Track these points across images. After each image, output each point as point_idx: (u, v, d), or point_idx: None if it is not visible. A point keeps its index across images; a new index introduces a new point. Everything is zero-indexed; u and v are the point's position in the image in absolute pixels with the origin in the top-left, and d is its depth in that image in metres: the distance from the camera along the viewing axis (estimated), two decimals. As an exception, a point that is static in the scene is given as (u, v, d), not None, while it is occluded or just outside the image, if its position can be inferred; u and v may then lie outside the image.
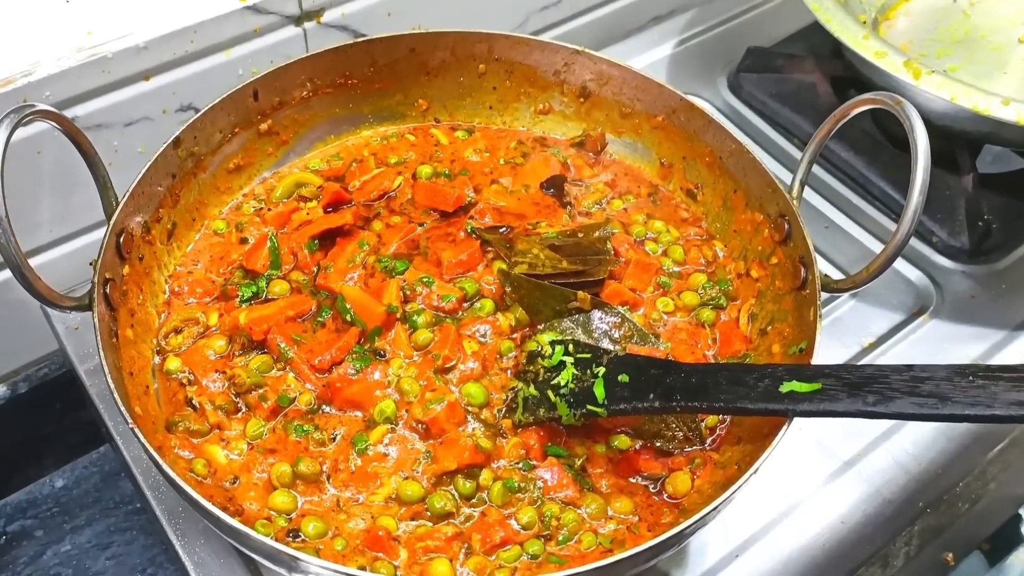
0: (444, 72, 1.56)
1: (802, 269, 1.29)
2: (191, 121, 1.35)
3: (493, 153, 1.58)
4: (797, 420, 1.10)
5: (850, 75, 1.91)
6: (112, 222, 1.22)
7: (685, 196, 1.54)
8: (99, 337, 1.13)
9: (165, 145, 1.32)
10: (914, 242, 1.73)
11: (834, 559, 1.38)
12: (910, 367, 1.07)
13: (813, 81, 1.93)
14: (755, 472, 1.09)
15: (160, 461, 1.03)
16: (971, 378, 1.03)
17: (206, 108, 1.36)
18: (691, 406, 1.15)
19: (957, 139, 1.74)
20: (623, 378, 1.21)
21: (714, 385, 1.15)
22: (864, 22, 1.73)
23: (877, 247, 1.64)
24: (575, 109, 1.59)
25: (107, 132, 1.48)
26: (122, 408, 1.07)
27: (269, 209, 1.46)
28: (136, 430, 1.05)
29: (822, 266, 1.43)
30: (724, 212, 1.47)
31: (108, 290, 1.19)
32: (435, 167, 1.54)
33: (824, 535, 1.39)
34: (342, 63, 1.50)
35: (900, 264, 1.71)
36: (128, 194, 1.25)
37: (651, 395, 1.18)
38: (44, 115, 1.12)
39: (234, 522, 0.99)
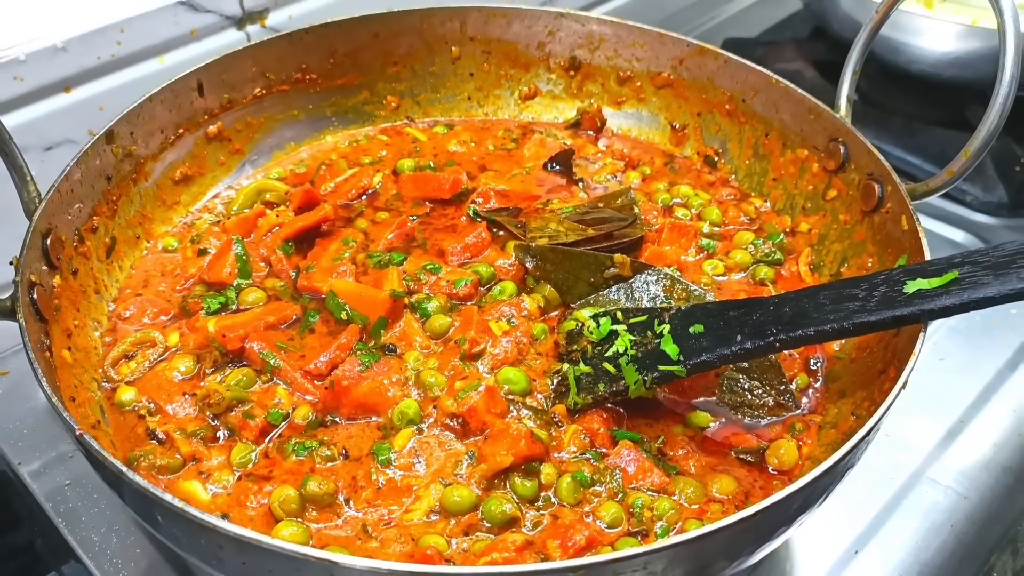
0: (413, 60, 1.38)
1: (875, 186, 1.10)
2: (126, 111, 1.12)
3: (480, 144, 1.38)
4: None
5: (833, 57, 1.79)
6: (35, 217, 0.97)
7: (704, 164, 1.35)
8: (28, 341, 0.85)
9: (96, 137, 1.08)
10: (949, 204, 1.57)
11: (967, 544, 1.13)
12: (1061, 233, 0.87)
13: (798, 68, 1.81)
14: (904, 387, 0.85)
15: (126, 470, 0.75)
16: None
17: (143, 98, 1.14)
18: (794, 337, 0.92)
19: (968, 90, 1.61)
20: (696, 329, 0.98)
21: (816, 308, 0.93)
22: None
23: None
24: (565, 86, 1.41)
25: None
26: (63, 412, 0.79)
27: (229, 217, 1.22)
28: (87, 437, 0.77)
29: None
30: (756, 162, 1.29)
31: (35, 296, 0.93)
32: (417, 161, 1.32)
33: (951, 515, 1.14)
34: (297, 53, 1.30)
35: (941, 227, 1.54)
36: (53, 188, 1.01)
37: (738, 337, 0.95)
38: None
39: (239, 529, 0.70)
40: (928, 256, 0.98)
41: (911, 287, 0.89)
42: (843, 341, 1.08)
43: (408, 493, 0.92)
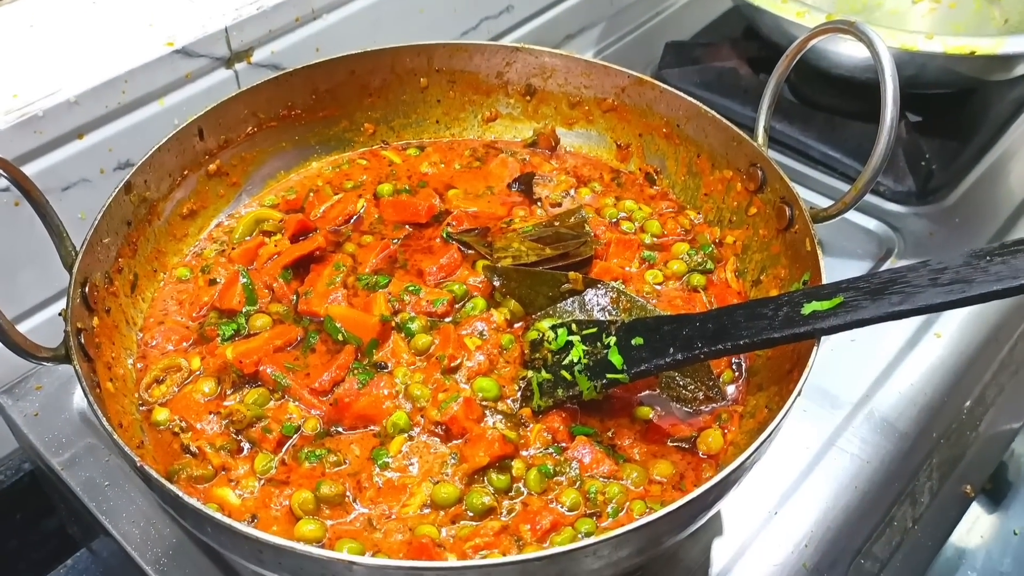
0: (386, 91, 1.54)
1: (786, 209, 1.30)
2: (140, 163, 1.28)
3: (448, 164, 1.56)
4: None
5: (765, 54, 1.97)
6: (75, 271, 1.14)
7: (645, 180, 1.54)
8: (84, 383, 1.03)
9: (116, 189, 1.25)
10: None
11: (869, 500, 1.36)
12: (924, 263, 1.07)
13: (733, 66, 1.98)
14: (799, 395, 1.06)
15: (179, 492, 0.94)
16: (988, 258, 1.03)
17: (153, 149, 1.30)
18: (715, 350, 1.12)
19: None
20: (637, 341, 1.18)
21: (733, 325, 1.13)
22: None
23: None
24: (522, 109, 1.58)
25: (44, 199, 1.39)
26: (124, 447, 0.97)
27: (233, 248, 1.39)
28: (147, 468, 0.96)
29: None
30: (690, 179, 1.48)
31: (82, 340, 1.10)
32: (394, 184, 1.50)
33: (855, 478, 1.37)
34: (283, 93, 1.46)
35: (857, 217, 1.75)
36: (86, 241, 1.17)
37: (670, 349, 1.14)
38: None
39: (271, 537, 0.90)
40: (824, 276, 1.18)
41: (807, 309, 1.09)
42: (760, 344, 1.29)
43: (404, 491, 1.12)
